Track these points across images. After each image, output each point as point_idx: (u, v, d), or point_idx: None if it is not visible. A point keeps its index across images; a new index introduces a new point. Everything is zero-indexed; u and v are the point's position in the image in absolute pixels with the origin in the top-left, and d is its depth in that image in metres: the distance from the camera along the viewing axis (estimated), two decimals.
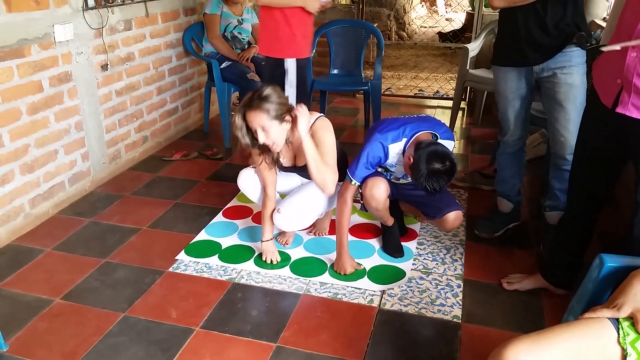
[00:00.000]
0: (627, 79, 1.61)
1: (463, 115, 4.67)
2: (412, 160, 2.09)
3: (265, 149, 2.25)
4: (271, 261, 2.41)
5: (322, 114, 2.28)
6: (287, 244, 2.58)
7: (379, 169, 2.38)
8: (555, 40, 2.18)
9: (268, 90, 2.12)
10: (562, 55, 2.19)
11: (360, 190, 2.37)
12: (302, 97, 3.14)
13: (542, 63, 2.24)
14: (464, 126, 4.42)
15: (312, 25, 3.10)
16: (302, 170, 2.36)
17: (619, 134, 1.75)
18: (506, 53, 2.35)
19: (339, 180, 2.36)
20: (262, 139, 2.12)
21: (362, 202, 2.46)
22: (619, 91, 1.65)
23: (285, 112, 2.14)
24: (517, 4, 2.18)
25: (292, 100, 3.06)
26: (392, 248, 2.51)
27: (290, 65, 3.01)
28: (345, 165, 2.38)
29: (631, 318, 1.26)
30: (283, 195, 2.54)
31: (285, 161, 2.37)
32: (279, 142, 2.17)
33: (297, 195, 2.38)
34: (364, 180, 2.30)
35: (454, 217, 2.33)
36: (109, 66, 3.17)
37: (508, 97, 2.41)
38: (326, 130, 2.23)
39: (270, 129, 2.11)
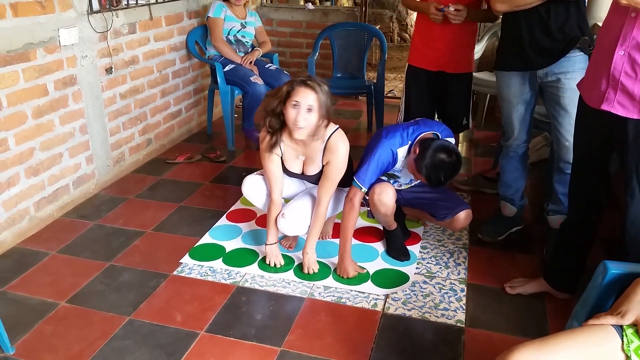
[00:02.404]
0: (614, 77, 1.64)
1: None
2: (417, 152, 2.11)
3: (276, 130, 2.22)
4: (275, 265, 2.42)
5: (338, 126, 2.26)
6: (291, 247, 2.59)
7: (383, 177, 2.39)
8: (560, 44, 2.19)
9: (326, 85, 2.16)
10: (565, 60, 2.20)
11: (366, 197, 2.37)
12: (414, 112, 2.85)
13: (545, 67, 2.25)
14: None
15: (446, 32, 2.68)
16: (309, 178, 2.37)
17: (607, 136, 1.79)
18: (509, 58, 2.35)
19: (345, 186, 2.37)
20: (302, 116, 2.10)
21: (369, 208, 2.46)
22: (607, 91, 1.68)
23: (327, 114, 2.14)
24: (519, 8, 2.19)
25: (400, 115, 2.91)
26: (398, 252, 2.51)
27: (409, 72, 2.90)
28: (350, 169, 2.39)
29: (635, 325, 1.27)
30: (287, 200, 2.55)
31: (295, 167, 2.35)
32: (309, 130, 2.15)
33: (302, 200, 2.39)
34: (370, 187, 2.31)
35: (464, 216, 2.36)
36: (113, 69, 3.18)
37: (512, 102, 2.41)
38: (342, 146, 2.23)
39: (313, 112, 2.10)
